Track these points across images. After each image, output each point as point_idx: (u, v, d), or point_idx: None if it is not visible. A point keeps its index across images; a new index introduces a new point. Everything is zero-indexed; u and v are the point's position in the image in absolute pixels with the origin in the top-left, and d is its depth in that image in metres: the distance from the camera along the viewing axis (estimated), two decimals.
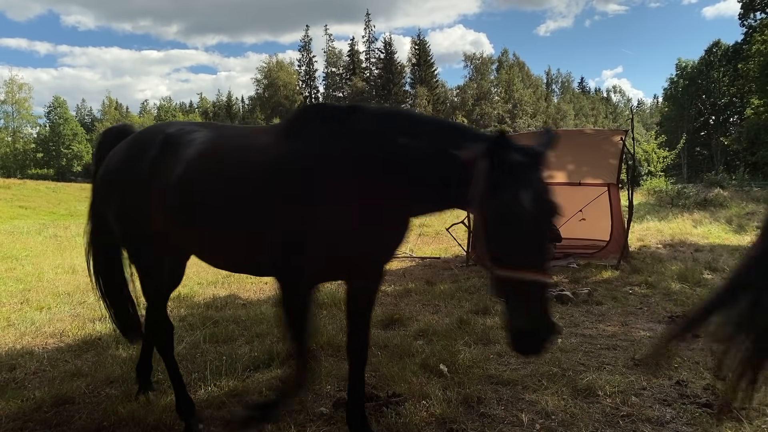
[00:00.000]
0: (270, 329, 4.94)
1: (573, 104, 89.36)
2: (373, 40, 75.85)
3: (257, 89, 75.47)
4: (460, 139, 2.22)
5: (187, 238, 2.93)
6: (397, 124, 2.44)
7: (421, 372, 3.78)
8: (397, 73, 72.75)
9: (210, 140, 2.88)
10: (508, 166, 1.95)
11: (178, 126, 3.11)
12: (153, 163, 2.91)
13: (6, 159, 74.45)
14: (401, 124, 2.44)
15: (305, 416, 3.18)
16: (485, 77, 75.20)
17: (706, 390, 3.46)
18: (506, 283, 1.96)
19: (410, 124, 2.43)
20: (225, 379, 3.77)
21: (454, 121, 2.55)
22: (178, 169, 2.79)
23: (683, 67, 64.78)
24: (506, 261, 1.94)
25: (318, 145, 2.47)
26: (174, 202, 2.78)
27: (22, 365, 4.13)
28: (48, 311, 5.91)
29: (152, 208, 2.88)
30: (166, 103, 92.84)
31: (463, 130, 2.33)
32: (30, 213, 29.04)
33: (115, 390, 3.61)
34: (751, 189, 29.31)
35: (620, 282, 6.96)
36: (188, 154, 2.82)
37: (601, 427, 3.03)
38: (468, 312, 5.54)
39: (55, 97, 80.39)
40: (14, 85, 72.09)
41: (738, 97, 54.70)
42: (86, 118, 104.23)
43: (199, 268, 8.73)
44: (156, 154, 2.93)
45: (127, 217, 3.04)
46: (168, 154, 2.89)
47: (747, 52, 42.92)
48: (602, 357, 4.19)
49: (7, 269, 8.67)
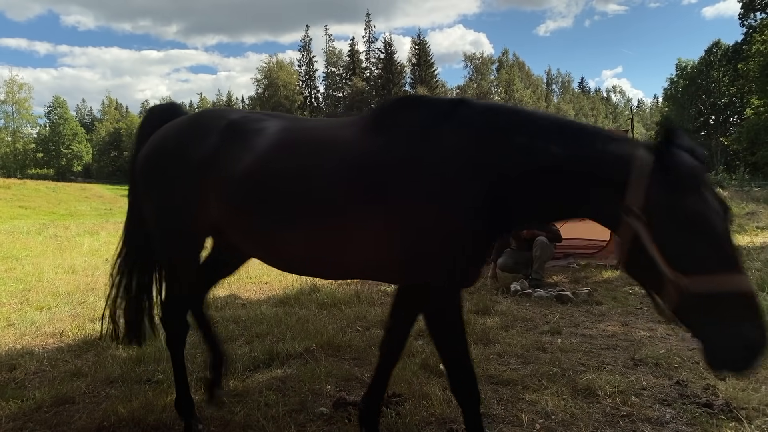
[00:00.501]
0: (270, 329, 4.94)
1: (573, 104, 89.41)
2: (373, 40, 75.96)
3: (257, 89, 75.53)
4: (597, 141, 2.05)
5: (251, 235, 2.64)
6: (514, 121, 2.22)
7: (421, 372, 3.78)
8: (397, 73, 72.81)
9: (286, 131, 2.61)
10: (686, 166, 1.80)
11: (242, 113, 2.84)
12: (212, 151, 2.62)
13: (6, 159, 74.49)
14: (518, 121, 2.21)
15: (305, 416, 3.17)
16: (485, 77, 75.29)
17: (706, 390, 3.46)
18: (705, 296, 1.73)
19: (530, 124, 2.19)
20: (225, 379, 3.76)
21: (578, 122, 2.30)
22: (247, 160, 2.52)
23: (683, 67, 64.77)
24: (700, 269, 1.74)
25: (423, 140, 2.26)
26: (239, 196, 2.53)
27: (22, 365, 4.13)
28: (48, 311, 5.90)
29: (203, 200, 2.63)
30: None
31: (594, 132, 2.13)
32: (30, 213, 29.06)
33: (115, 390, 3.61)
34: (751, 189, 29.31)
35: (620, 282, 6.95)
36: (259, 145, 2.54)
37: (601, 427, 3.02)
38: (468, 312, 5.53)
39: (55, 97, 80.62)
40: (14, 85, 72.24)
41: (738, 97, 54.75)
42: (86, 118, 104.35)
43: None
44: (216, 141, 2.64)
45: (169, 207, 2.78)
46: (232, 142, 2.62)
47: (747, 52, 42.93)
48: (602, 357, 4.19)
49: (7, 269, 8.66)
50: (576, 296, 6.11)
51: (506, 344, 4.45)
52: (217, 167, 2.59)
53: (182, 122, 2.90)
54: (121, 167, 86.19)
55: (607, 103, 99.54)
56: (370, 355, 4.23)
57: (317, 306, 5.92)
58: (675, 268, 1.77)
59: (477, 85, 73.84)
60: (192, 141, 2.71)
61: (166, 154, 2.79)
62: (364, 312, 5.60)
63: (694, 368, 3.84)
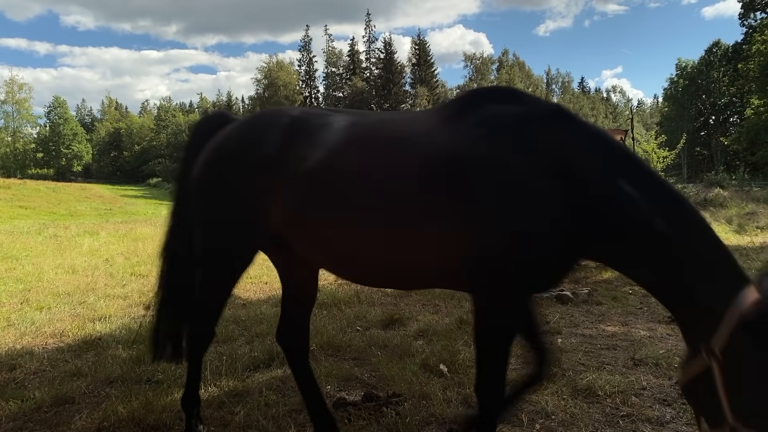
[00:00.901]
0: (270, 329, 4.94)
1: (573, 104, 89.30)
2: (373, 40, 75.89)
3: (257, 89, 75.46)
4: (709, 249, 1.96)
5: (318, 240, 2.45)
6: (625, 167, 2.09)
7: (421, 372, 3.78)
8: (397, 73, 72.71)
9: (355, 125, 2.46)
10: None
11: (301, 110, 2.69)
12: (275, 151, 2.45)
13: (6, 159, 74.56)
14: (627, 164, 2.10)
15: (305, 416, 3.17)
16: (485, 77, 75.26)
17: None
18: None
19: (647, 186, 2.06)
20: (225, 379, 3.77)
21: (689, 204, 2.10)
22: (315, 158, 2.35)
23: (683, 67, 64.79)
24: (763, 428, 1.71)
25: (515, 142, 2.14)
26: (307, 197, 2.37)
27: (22, 365, 4.13)
28: (48, 311, 5.90)
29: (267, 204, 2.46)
30: (166, 103, 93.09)
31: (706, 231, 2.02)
32: (30, 213, 29.04)
33: (115, 390, 3.61)
34: (751, 189, 29.31)
35: (620, 282, 6.94)
36: (327, 141, 2.38)
37: (601, 427, 3.03)
38: (468, 312, 5.53)
39: (55, 97, 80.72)
40: (14, 85, 72.31)
41: (738, 97, 54.77)
42: (86, 118, 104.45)
43: None
44: (279, 140, 2.48)
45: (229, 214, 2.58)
46: (297, 140, 2.45)
47: (747, 52, 42.96)
48: (602, 357, 4.19)
49: (7, 269, 8.66)
50: (576, 296, 6.11)
51: None
52: (282, 167, 2.43)
53: (240, 125, 2.74)
54: (121, 167, 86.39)
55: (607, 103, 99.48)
56: (369, 355, 4.23)
57: (317, 306, 5.90)
58: (739, 416, 1.74)
59: (477, 85, 73.89)
60: (253, 142, 2.55)
61: (226, 159, 2.60)
62: (364, 312, 5.60)
63: None
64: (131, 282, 7.64)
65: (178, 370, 3.88)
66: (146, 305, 6.17)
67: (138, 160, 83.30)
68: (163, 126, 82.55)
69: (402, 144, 2.30)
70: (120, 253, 10.40)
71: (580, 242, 2.12)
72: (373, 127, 2.49)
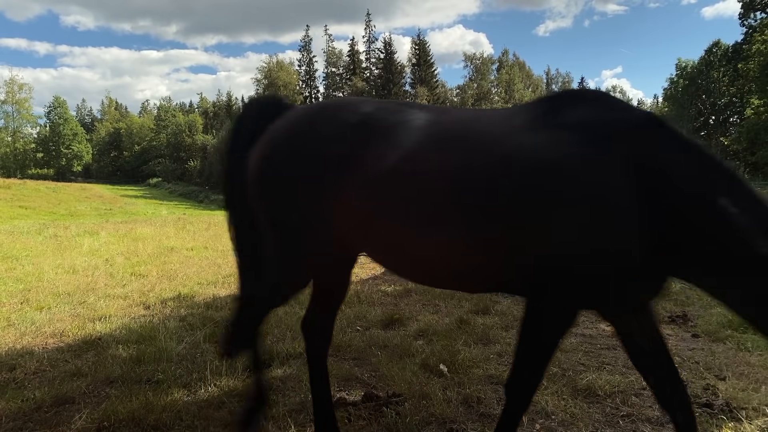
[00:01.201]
0: (270, 329, 4.94)
1: None
2: (373, 40, 75.85)
3: (257, 89, 75.42)
4: None
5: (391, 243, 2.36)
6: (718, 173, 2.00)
7: (421, 372, 3.78)
8: (397, 73, 72.67)
9: (435, 125, 2.35)
10: None
11: (376, 104, 2.52)
12: (348, 150, 2.33)
13: (6, 159, 74.59)
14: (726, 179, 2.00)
15: (305, 416, 3.17)
16: (485, 77, 75.25)
17: (706, 390, 3.47)
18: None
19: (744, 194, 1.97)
20: (225, 379, 3.77)
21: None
22: (394, 158, 2.25)
23: (683, 67, 64.76)
24: None
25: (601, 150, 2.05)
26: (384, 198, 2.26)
27: (22, 365, 4.13)
28: (48, 311, 5.90)
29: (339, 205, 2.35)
30: (166, 103, 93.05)
31: None
32: (30, 213, 29.06)
33: (115, 390, 3.61)
34: None
35: None
36: (406, 141, 2.28)
37: (601, 427, 3.03)
38: (468, 312, 5.53)
39: (55, 97, 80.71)
40: (14, 85, 72.34)
41: (738, 97, 54.71)
42: (86, 118, 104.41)
43: (198, 268, 8.73)
44: (353, 137, 2.36)
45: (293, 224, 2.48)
46: (372, 138, 2.33)
47: (747, 52, 42.91)
48: (602, 357, 4.19)
49: (7, 269, 8.66)
50: None
51: (506, 344, 4.45)
52: (355, 167, 2.31)
53: (306, 117, 2.57)
54: (121, 167, 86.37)
55: None
56: (370, 355, 4.23)
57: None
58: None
59: (477, 85, 73.84)
60: (324, 137, 2.40)
61: (292, 154, 2.44)
62: (364, 312, 5.60)
63: (694, 368, 3.84)
64: (131, 282, 7.63)
65: (178, 370, 3.90)
66: (146, 305, 6.18)
67: (138, 160, 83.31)
68: (163, 126, 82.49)
69: (487, 147, 2.20)
70: (120, 253, 10.39)
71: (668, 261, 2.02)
72: (455, 128, 2.37)
